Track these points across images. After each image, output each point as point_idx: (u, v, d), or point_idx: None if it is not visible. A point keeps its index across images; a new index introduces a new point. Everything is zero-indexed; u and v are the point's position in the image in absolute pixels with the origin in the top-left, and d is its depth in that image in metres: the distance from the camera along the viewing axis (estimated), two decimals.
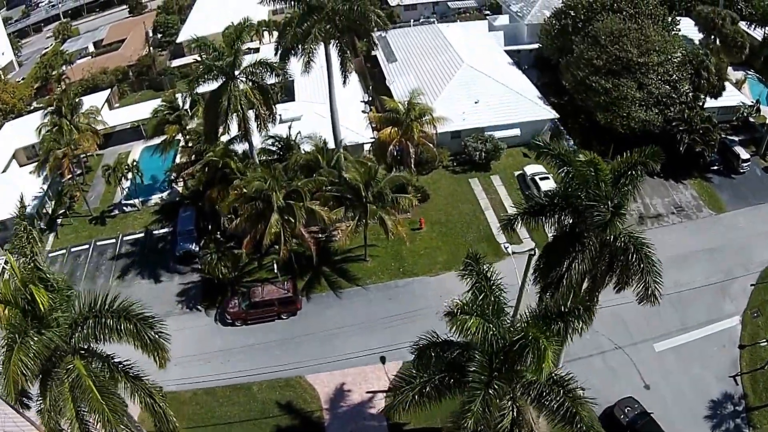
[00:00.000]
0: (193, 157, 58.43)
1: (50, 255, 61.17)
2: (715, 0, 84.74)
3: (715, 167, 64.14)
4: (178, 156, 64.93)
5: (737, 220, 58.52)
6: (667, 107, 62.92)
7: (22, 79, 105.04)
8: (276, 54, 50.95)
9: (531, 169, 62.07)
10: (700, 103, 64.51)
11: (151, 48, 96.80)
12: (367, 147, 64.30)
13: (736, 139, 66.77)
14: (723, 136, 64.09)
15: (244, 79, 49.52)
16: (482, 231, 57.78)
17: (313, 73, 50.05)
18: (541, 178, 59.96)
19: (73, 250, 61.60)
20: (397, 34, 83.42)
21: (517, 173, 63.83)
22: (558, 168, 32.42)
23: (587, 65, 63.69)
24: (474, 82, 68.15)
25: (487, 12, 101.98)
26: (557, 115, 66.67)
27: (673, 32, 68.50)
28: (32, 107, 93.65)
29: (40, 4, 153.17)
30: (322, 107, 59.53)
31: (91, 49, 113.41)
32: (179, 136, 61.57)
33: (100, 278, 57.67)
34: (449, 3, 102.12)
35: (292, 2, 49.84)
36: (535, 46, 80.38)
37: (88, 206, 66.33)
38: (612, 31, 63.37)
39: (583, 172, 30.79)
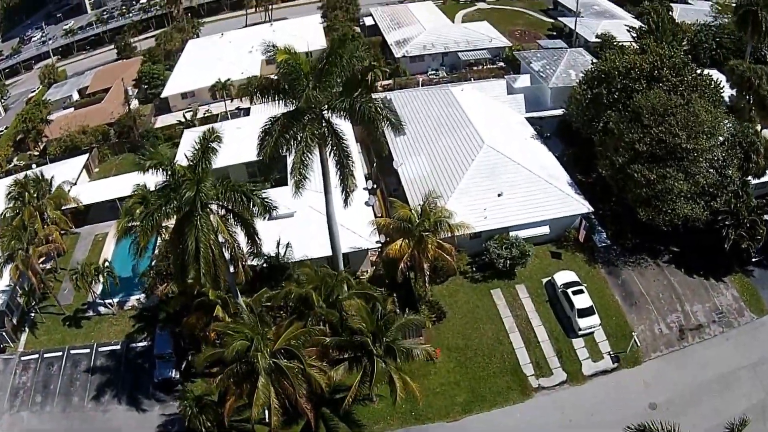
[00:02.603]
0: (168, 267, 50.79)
1: (23, 358, 55.71)
2: (740, 48, 79.06)
3: (756, 258, 56.78)
4: (157, 248, 57.45)
5: None
6: (713, 198, 54.95)
7: (5, 128, 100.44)
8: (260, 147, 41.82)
9: (561, 277, 53.77)
10: (748, 190, 56.51)
11: (131, 107, 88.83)
12: (372, 249, 56.53)
13: None
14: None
15: (215, 208, 40.75)
16: (506, 360, 49.74)
17: None
18: (574, 292, 51.65)
19: (45, 355, 55.66)
20: (404, 99, 74.96)
21: (545, 280, 55.45)
22: None
23: (627, 149, 55.05)
24: (496, 167, 59.48)
25: (502, 63, 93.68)
26: (591, 209, 57.96)
27: (720, 107, 59.77)
28: (12, 164, 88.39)
29: (32, 39, 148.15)
30: (318, 198, 50.79)
31: (76, 97, 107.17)
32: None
33: (75, 395, 51.86)
34: (459, 54, 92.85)
35: (273, 95, 41.63)
36: (560, 111, 71.80)
37: (59, 304, 59.50)
38: (655, 108, 54.67)
39: None
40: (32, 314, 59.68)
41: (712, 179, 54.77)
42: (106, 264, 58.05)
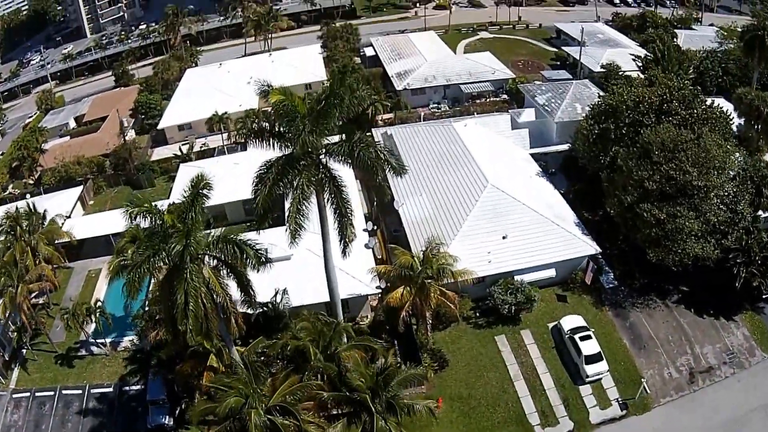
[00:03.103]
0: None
1: (14, 396, 54.40)
2: (746, 75, 78.10)
3: (766, 295, 54.96)
4: (150, 292, 55.11)
5: None
6: (724, 235, 53.23)
7: (2, 154, 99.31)
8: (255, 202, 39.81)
9: (568, 322, 51.95)
10: (759, 225, 54.98)
11: (126, 139, 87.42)
12: (372, 294, 54.60)
13: None
14: None
15: (206, 259, 38.74)
16: (511, 409, 47.79)
17: None
18: (581, 338, 49.84)
19: (37, 394, 54.31)
20: (405, 134, 73.31)
21: (551, 325, 53.61)
22: None
23: (636, 187, 53.32)
24: (501, 208, 57.57)
25: (505, 96, 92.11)
26: (599, 250, 56.18)
27: (731, 139, 58.21)
28: (7, 192, 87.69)
29: (31, 62, 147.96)
30: (316, 240, 47.59)
31: (72, 125, 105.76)
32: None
33: None
34: (462, 86, 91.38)
35: (268, 139, 39.86)
36: (565, 147, 70.03)
37: (51, 342, 57.82)
38: (665, 143, 52.86)
39: None
40: (24, 350, 58.07)
41: (723, 216, 53.13)
42: (98, 304, 56.41)
